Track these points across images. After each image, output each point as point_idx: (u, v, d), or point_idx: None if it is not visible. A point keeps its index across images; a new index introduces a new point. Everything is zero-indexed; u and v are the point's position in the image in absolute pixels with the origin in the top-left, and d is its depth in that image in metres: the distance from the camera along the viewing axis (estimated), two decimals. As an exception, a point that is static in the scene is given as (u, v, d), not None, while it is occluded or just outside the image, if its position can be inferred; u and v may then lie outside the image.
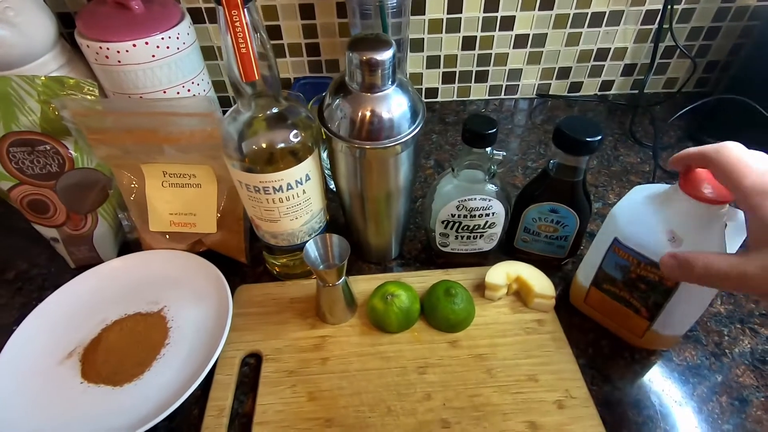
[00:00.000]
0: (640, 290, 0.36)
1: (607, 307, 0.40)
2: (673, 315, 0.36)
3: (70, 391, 0.38)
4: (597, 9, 0.65)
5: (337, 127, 0.37)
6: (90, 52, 0.50)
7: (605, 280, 0.38)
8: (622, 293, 0.38)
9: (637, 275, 0.35)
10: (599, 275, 0.39)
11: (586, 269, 0.41)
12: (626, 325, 0.39)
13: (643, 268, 0.35)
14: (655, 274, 0.34)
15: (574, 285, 0.43)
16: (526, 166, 0.62)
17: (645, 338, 0.39)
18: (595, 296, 0.40)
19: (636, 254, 0.35)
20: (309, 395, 0.38)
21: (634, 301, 0.37)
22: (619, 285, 0.37)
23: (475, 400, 0.37)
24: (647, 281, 0.35)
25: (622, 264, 0.36)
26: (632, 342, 0.41)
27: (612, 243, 0.36)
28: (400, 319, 0.41)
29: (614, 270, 0.37)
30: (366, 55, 0.34)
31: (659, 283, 0.34)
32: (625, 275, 0.36)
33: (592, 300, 0.41)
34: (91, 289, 0.45)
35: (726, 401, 0.37)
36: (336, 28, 0.65)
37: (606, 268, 0.38)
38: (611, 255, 0.37)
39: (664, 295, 0.35)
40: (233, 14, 0.30)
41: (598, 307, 0.41)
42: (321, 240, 0.40)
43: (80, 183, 0.45)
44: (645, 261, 0.34)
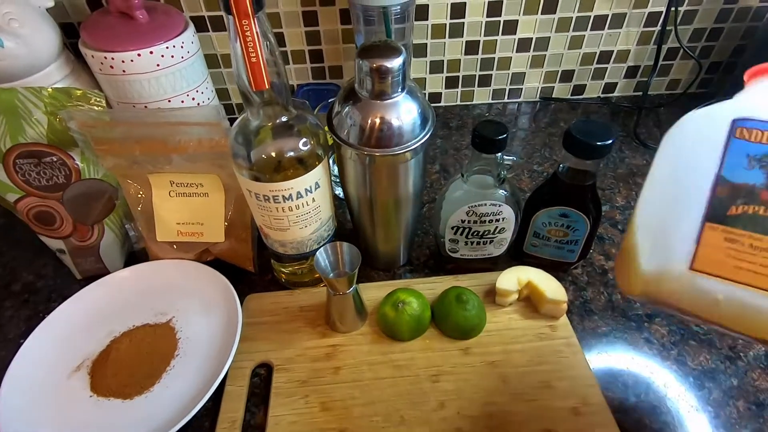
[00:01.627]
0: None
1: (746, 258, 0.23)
2: None
3: (79, 404, 0.38)
4: (600, 12, 0.65)
5: (347, 135, 0.37)
6: (95, 62, 0.50)
7: (734, 198, 0.23)
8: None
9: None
10: (719, 197, 0.23)
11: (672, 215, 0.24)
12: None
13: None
14: None
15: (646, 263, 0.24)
16: (532, 170, 0.62)
17: None
18: (716, 245, 0.23)
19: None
20: (322, 405, 0.37)
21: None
22: (764, 195, 0.23)
23: (489, 408, 0.37)
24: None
25: (764, 153, 0.23)
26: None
27: (732, 129, 0.24)
28: (411, 327, 0.41)
29: (749, 172, 0.23)
30: (376, 63, 0.34)
31: None
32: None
33: (712, 256, 0.23)
34: (98, 300, 0.45)
35: (743, 405, 0.37)
36: (339, 35, 0.65)
37: (731, 176, 0.23)
38: (737, 147, 0.23)
39: None
40: (243, 23, 0.30)
41: (724, 265, 0.23)
42: (331, 248, 0.40)
43: (87, 194, 0.45)
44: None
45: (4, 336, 0.45)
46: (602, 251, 0.50)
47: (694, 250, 0.23)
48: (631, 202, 0.56)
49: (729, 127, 0.24)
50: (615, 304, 0.45)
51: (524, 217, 0.44)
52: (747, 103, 0.24)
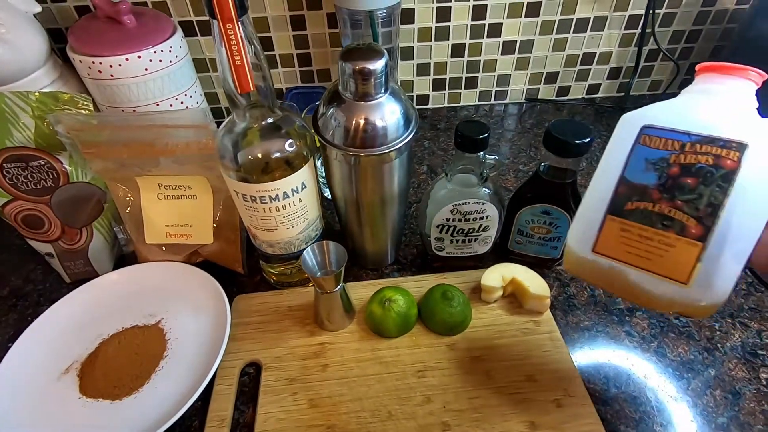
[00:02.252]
0: (688, 190, 0.26)
1: (633, 244, 0.28)
2: (733, 220, 0.25)
3: (68, 406, 0.38)
4: (582, 15, 0.67)
5: (332, 136, 0.38)
6: (82, 66, 0.51)
7: (630, 195, 0.27)
8: (659, 206, 0.27)
9: (682, 167, 0.26)
10: (620, 193, 0.28)
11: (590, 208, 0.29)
12: (666, 264, 0.27)
13: (690, 152, 0.26)
14: (708, 155, 0.25)
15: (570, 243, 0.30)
16: (518, 170, 0.63)
17: (693, 282, 0.26)
18: (613, 232, 0.28)
19: (679, 134, 0.26)
20: (310, 402, 0.38)
21: (678, 212, 0.26)
22: (654, 194, 0.27)
23: (474, 402, 0.37)
24: (698, 170, 0.26)
25: (658, 158, 0.27)
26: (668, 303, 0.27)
27: (639, 136, 0.27)
28: (398, 324, 0.41)
29: (645, 173, 0.27)
30: (359, 65, 0.34)
31: (716, 168, 0.25)
32: (662, 174, 0.27)
33: (608, 240, 0.28)
34: (87, 303, 0.45)
35: (720, 395, 0.38)
36: (327, 39, 0.66)
37: (632, 176, 0.27)
38: (639, 152, 0.27)
39: (724, 186, 0.25)
40: (228, 27, 0.31)
41: (616, 249, 0.28)
42: (318, 247, 0.41)
43: (75, 197, 0.45)
44: (693, 139, 0.26)
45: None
46: (585, 248, 0.51)
47: (596, 237, 0.28)
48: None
49: (638, 132, 0.27)
50: (597, 299, 0.46)
51: (508, 215, 0.45)
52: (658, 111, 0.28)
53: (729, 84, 0.27)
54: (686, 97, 0.28)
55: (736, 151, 0.25)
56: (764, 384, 0.38)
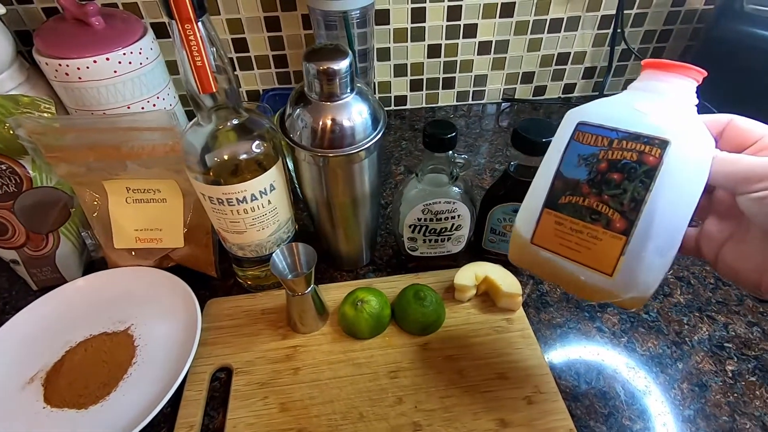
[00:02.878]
0: (614, 185, 0.27)
1: (566, 236, 0.29)
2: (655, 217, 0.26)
3: (32, 416, 0.37)
4: (555, 15, 0.68)
5: (299, 137, 0.38)
6: (49, 69, 0.50)
7: (564, 190, 0.29)
8: (588, 200, 0.28)
9: (609, 162, 0.27)
10: (555, 188, 0.29)
11: (531, 202, 0.30)
12: (593, 256, 0.28)
13: (617, 148, 0.27)
14: (633, 150, 0.26)
15: (514, 235, 0.31)
16: (494, 169, 0.63)
17: (617, 274, 0.27)
18: (549, 225, 0.29)
19: (608, 131, 0.27)
20: (281, 406, 0.37)
21: (605, 206, 0.27)
22: (584, 188, 0.28)
23: (446, 402, 0.37)
24: (623, 166, 0.27)
25: (589, 153, 0.28)
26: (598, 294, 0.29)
27: (574, 132, 0.28)
28: (371, 325, 0.41)
29: (577, 169, 0.28)
30: (323, 65, 0.34)
31: (639, 164, 0.26)
32: (592, 169, 0.28)
33: (545, 233, 0.30)
34: (53, 311, 0.44)
35: (687, 387, 0.39)
36: (302, 40, 0.66)
37: (565, 172, 0.29)
38: (573, 149, 0.28)
39: (646, 182, 0.26)
40: (186, 28, 0.30)
41: (552, 241, 0.29)
42: (287, 249, 0.40)
43: (40, 202, 0.44)
44: (620, 135, 0.27)
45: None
46: (559, 245, 0.52)
47: (534, 229, 0.29)
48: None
49: (573, 128, 0.28)
50: (570, 296, 0.46)
51: (481, 214, 0.46)
52: (596, 107, 0.28)
53: (668, 82, 0.27)
54: (627, 93, 0.28)
55: (659, 147, 0.25)
56: (730, 376, 0.39)
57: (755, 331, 0.42)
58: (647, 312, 0.44)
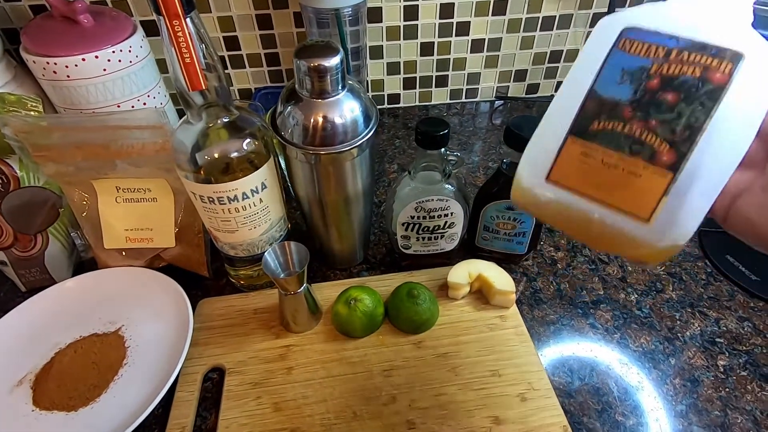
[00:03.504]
0: (666, 107, 0.21)
1: (595, 172, 0.23)
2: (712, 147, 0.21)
3: (20, 419, 0.36)
4: (547, 13, 0.68)
5: (291, 135, 0.37)
6: (36, 67, 0.49)
7: (599, 113, 0.23)
8: (630, 126, 0.22)
9: (664, 78, 0.21)
10: (586, 110, 0.23)
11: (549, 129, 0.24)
12: (628, 197, 0.22)
13: (676, 60, 0.21)
14: (696, 65, 0.21)
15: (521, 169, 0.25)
16: (488, 167, 0.63)
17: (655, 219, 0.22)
18: (573, 158, 0.23)
19: (666, 39, 0.21)
20: (274, 406, 0.37)
21: (651, 135, 0.22)
22: (626, 111, 0.22)
23: (440, 399, 0.37)
24: (681, 83, 0.21)
25: (637, 66, 0.22)
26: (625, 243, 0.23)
27: (618, 39, 0.22)
28: (364, 324, 0.41)
29: (618, 87, 0.22)
30: (313, 62, 0.34)
31: (701, 81, 0.21)
32: (639, 87, 0.22)
33: (565, 167, 0.23)
34: (42, 312, 0.43)
35: (679, 383, 0.39)
36: (294, 38, 0.66)
37: (602, 90, 0.22)
38: (615, 60, 0.22)
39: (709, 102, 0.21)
40: (174, 24, 0.30)
41: (574, 177, 0.23)
42: (280, 248, 0.40)
43: (28, 202, 0.43)
44: (681, 44, 0.21)
45: (-59, 353, 0.42)
46: (552, 243, 0.52)
47: (553, 162, 0.23)
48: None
49: (617, 36, 0.22)
50: (563, 293, 0.46)
51: (474, 212, 0.46)
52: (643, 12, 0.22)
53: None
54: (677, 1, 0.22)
55: (730, 62, 0.20)
56: (721, 371, 0.39)
57: (746, 327, 0.43)
58: (640, 308, 0.45)
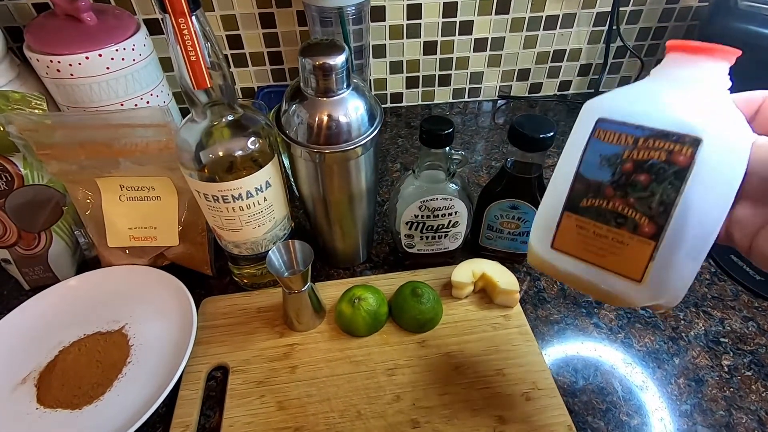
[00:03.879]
0: (641, 187, 0.25)
1: (590, 241, 0.27)
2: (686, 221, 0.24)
3: (24, 417, 0.36)
4: (551, 12, 0.68)
5: (295, 133, 0.37)
6: (40, 66, 0.49)
7: (585, 192, 0.27)
8: (613, 203, 0.26)
9: (635, 162, 0.25)
10: (575, 190, 0.27)
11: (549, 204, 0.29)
12: (620, 264, 0.27)
13: (643, 147, 0.25)
14: (661, 149, 0.24)
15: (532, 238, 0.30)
16: (491, 166, 0.63)
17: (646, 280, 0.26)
18: (570, 229, 0.28)
19: (632, 128, 0.25)
20: (278, 405, 0.37)
21: (631, 210, 0.26)
22: (608, 190, 0.26)
23: (444, 398, 0.37)
24: (651, 167, 0.25)
25: (612, 153, 0.26)
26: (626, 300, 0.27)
27: (594, 130, 0.26)
28: (368, 323, 0.41)
29: (599, 170, 0.26)
30: (319, 60, 0.34)
31: (668, 164, 0.24)
32: (615, 170, 0.26)
33: (566, 237, 0.28)
34: (46, 310, 0.43)
35: (684, 382, 0.39)
36: (297, 37, 0.66)
37: (586, 173, 0.27)
38: (593, 148, 0.27)
39: (676, 184, 0.24)
40: (180, 22, 0.30)
41: (575, 246, 0.28)
42: (284, 247, 0.40)
43: (32, 201, 0.43)
44: (646, 133, 0.25)
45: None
46: (556, 242, 0.52)
47: (555, 233, 0.28)
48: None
49: (593, 126, 0.26)
50: (567, 293, 0.46)
51: (478, 211, 0.46)
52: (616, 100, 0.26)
53: (697, 67, 0.25)
54: (650, 81, 0.26)
55: (690, 146, 0.23)
56: (726, 371, 0.39)
57: (750, 326, 0.43)
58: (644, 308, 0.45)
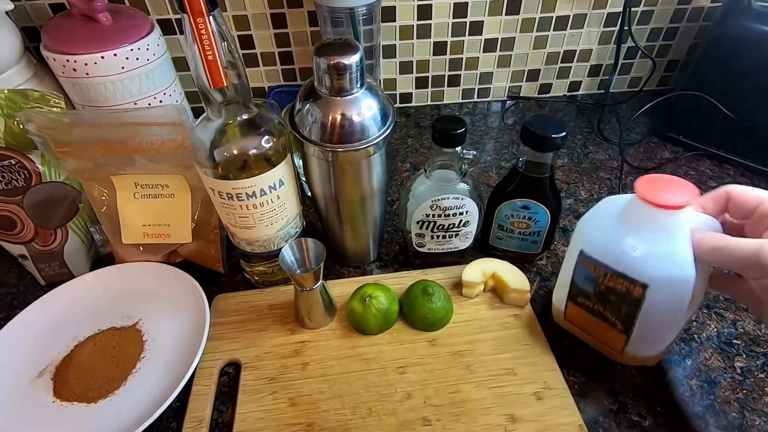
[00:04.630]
0: (612, 302, 0.35)
1: (587, 323, 0.39)
2: (647, 327, 0.34)
3: (41, 410, 0.37)
4: (561, 12, 0.67)
5: (309, 132, 0.38)
6: (57, 65, 0.50)
7: (579, 293, 0.38)
8: (596, 306, 0.37)
9: (606, 287, 0.35)
10: (573, 289, 0.38)
11: (562, 285, 0.39)
12: (606, 340, 0.38)
13: (610, 279, 0.34)
14: (622, 284, 0.33)
15: (554, 301, 0.42)
16: (500, 166, 0.63)
17: (625, 354, 0.37)
18: (573, 311, 0.39)
19: (601, 265, 0.34)
20: (289, 401, 0.37)
21: (608, 314, 0.36)
22: (592, 298, 0.37)
23: (455, 397, 0.37)
24: (616, 292, 0.34)
25: (591, 276, 0.35)
26: (616, 359, 0.39)
27: (579, 255, 0.36)
28: (379, 321, 0.41)
29: (585, 283, 0.36)
30: (333, 60, 0.34)
31: (627, 294, 0.33)
32: (595, 287, 0.36)
33: (572, 315, 0.40)
34: (62, 305, 0.44)
35: (696, 384, 0.38)
36: (308, 37, 0.66)
37: (578, 282, 0.37)
38: (580, 267, 0.36)
39: (635, 306, 0.34)
40: (198, 21, 0.30)
41: (578, 322, 0.40)
42: (296, 244, 0.40)
43: (48, 197, 0.44)
44: (611, 271, 0.34)
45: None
46: (566, 242, 0.52)
47: (565, 310, 0.40)
48: (594, 195, 0.58)
49: (577, 255, 0.36)
50: (577, 293, 0.46)
51: (488, 210, 0.46)
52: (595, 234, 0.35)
53: (659, 216, 0.31)
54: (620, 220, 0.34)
55: (640, 287, 0.33)
56: (739, 372, 0.39)
57: (763, 328, 0.42)
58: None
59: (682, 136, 0.65)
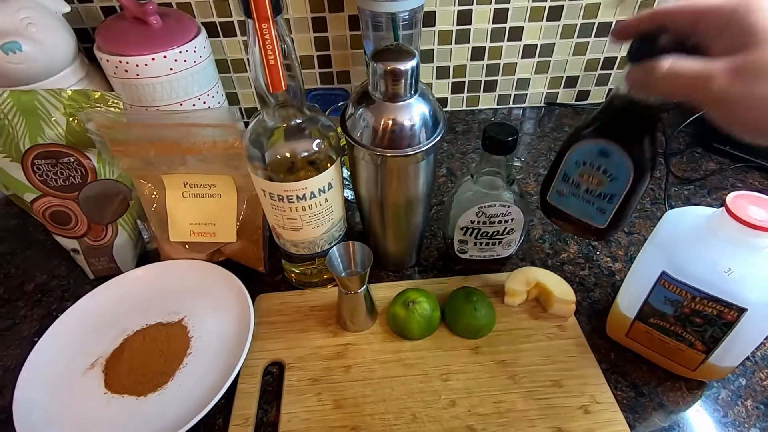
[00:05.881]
0: (696, 324, 0.34)
1: (655, 342, 0.38)
2: (732, 347, 0.34)
3: (94, 401, 0.38)
4: (604, 19, 0.66)
5: (360, 136, 0.38)
6: (109, 66, 0.51)
7: (653, 314, 0.36)
8: (674, 328, 0.35)
9: (692, 310, 0.33)
10: (645, 310, 0.36)
11: (628, 301, 0.38)
12: (677, 358, 0.37)
13: (699, 303, 0.33)
14: (713, 308, 0.32)
15: (613, 317, 0.40)
16: (538, 173, 0.62)
17: (698, 371, 0.37)
18: (641, 330, 0.38)
19: (691, 289, 0.33)
20: (334, 403, 0.38)
21: (688, 335, 0.35)
22: (670, 320, 0.35)
23: (500, 407, 0.37)
24: (704, 315, 0.33)
25: (674, 299, 0.34)
26: (681, 374, 0.39)
27: (660, 277, 0.34)
28: (421, 326, 0.41)
29: (664, 305, 0.35)
30: (390, 65, 0.34)
31: (719, 317, 0.32)
32: (677, 310, 0.34)
33: (637, 334, 0.39)
34: (111, 299, 0.45)
35: (751, 405, 0.37)
36: (348, 41, 0.67)
37: (653, 303, 0.35)
38: (659, 289, 0.34)
39: (724, 329, 0.33)
40: (263, 27, 0.31)
41: (643, 341, 0.39)
42: (344, 247, 0.41)
43: (102, 194, 0.45)
44: (702, 295, 0.32)
45: (19, 334, 0.45)
46: (609, 253, 0.51)
47: (629, 329, 0.39)
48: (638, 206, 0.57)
49: (658, 275, 0.34)
50: (622, 305, 0.45)
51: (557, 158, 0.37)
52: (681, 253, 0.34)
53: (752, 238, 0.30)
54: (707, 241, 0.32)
55: (737, 311, 0.31)
56: (797, 395, 0.38)
57: (821, 349, 0.41)
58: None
59: (729, 147, 0.63)
